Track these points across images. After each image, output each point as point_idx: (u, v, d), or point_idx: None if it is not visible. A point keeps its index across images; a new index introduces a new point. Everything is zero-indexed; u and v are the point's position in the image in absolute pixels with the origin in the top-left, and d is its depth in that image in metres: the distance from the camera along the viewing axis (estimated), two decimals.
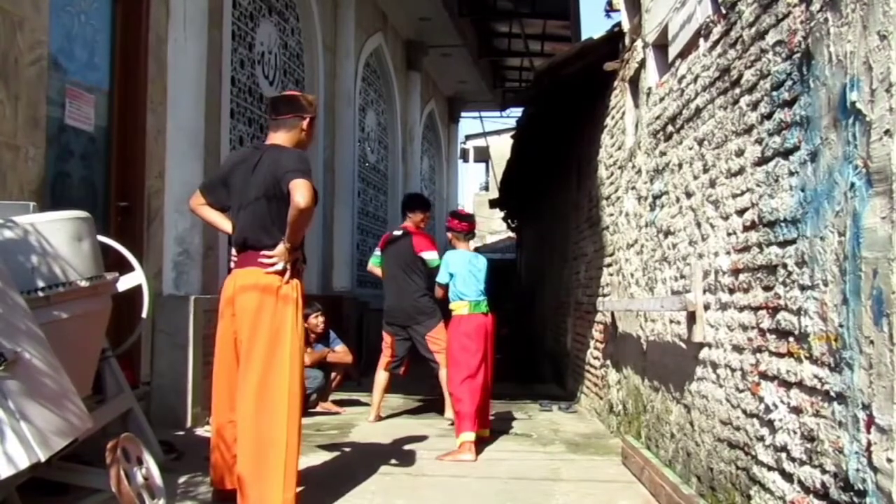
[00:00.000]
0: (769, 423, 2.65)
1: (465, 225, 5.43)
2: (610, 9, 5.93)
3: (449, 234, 5.47)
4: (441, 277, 5.28)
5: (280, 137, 3.59)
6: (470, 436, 4.76)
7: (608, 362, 5.73)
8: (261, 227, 3.42)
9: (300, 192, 3.22)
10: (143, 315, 4.38)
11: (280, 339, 3.32)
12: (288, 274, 3.40)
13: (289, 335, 3.34)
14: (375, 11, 11.40)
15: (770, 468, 2.64)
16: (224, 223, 3.68)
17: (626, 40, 5.38)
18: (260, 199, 3.42)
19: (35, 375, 2.61)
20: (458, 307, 5.13)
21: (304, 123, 3.64)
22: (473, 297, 5.11)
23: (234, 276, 3.48)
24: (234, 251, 3.61)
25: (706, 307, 3.37)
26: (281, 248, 3.37)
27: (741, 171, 2.97)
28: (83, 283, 3.34)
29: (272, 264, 3.37)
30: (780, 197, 2.59)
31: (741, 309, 2.94)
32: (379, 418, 6.08)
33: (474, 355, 5.00)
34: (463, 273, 5.16)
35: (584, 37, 8.45)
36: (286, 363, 3.31)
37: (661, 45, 4.42)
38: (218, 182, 3.71)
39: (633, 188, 4.95)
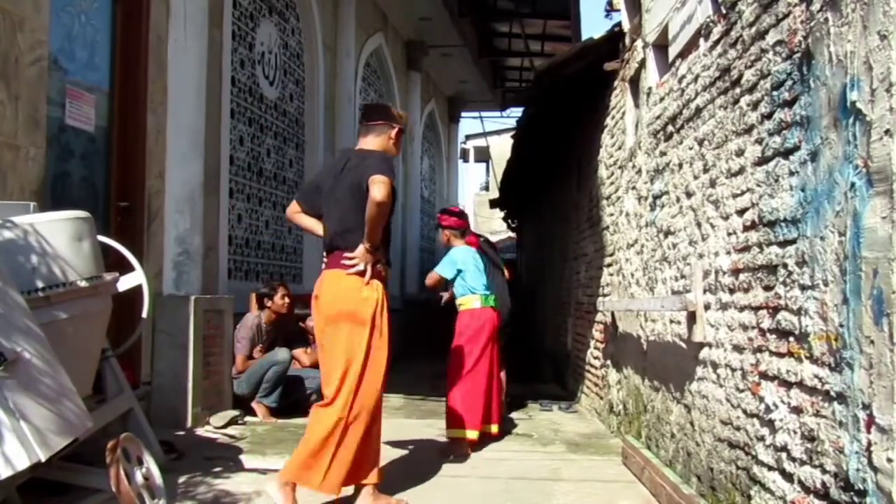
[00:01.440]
0: (769, 423, 2.65)
1: (463, 222, 5.46)
2: (610, 9, 5.93)
3: (446, 232, 5.46)
4: (446, 272, 5.25)
5: (369, 142, 3.72)
6: (457, 433, 4.80)
7: (608, 362, 5.73)
8: (346, 228, 3.52)
9: (377, 186, 3.33)
10: (144, 315, 4.38)
11: (359, 341, 3.42)
12: (368, 274, 3.48)
13: (366, 335, 3.43)
14: (375, 11, 11.40)
15: (770, 468, 2.64)
16: (318, 228, 3.76)
17: (627, 40, 5.38)
18: (346, 200, 3.52)
19: (35, 375, 2.61)
20: (470, 301, 5.17)
21: (393, 133, 3.77)
22: (482, 290, 5.19)
23: (321, 278, 3.60)
24: (324, 253, 3.72)
25: (706, 307, 3.37)
26: (361, 248, 3.47)
27: (741, 170, 2.97)
28: (83, 283, 3.34)
29: (354, 265, 3.47)
30: (780, 197, 2.59)
31: (741, 309, 2.94)
32: None
33: (482, 349, 5.05)
34: (471, 268, 5.21)
35: (584, 37, 8.46)
36: (356, 364, 3.43)
37: (661, 45, 4.42)
38: (312, 188, 3.83)
39: (634, 188, 4.95)
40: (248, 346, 6.07)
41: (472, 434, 4.87)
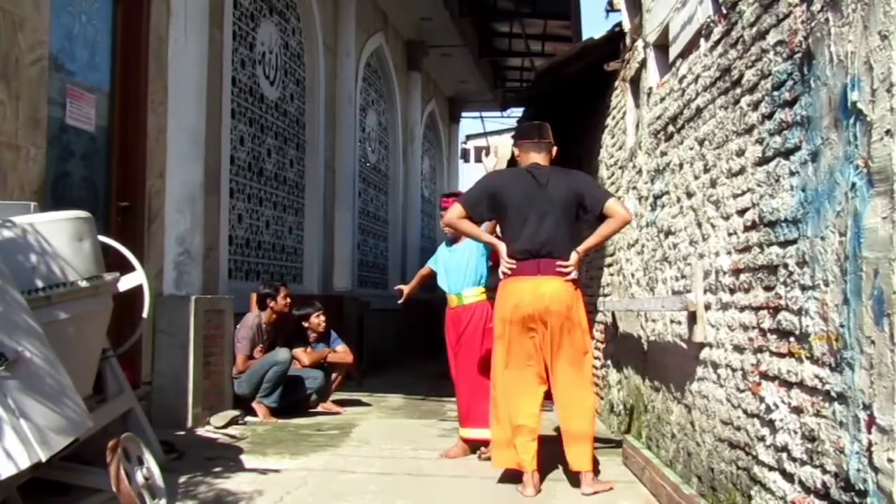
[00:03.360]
0: (770, 423, 2.65)
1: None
2: (610, 8, 5.93)
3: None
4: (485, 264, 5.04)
5: (542, 158, 4.16)
6: (464, 432, 4.79)
7: (609, 362, 5.73)
8: (558, 238, 3.91)
9: (623, 207, 4.01)
10: (144, 315, 4.38)
11: (584, 337, 3.95)
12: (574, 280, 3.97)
13: (587, 332, 3.99)
14: (376, 11, 11.40)
15: (771, 468, 2.64)
16: (485, 234, 4.22)
17: (627, 40, 5.38)
18: (558, 212, 3.92)
19: (36, 375, 2.61)
20: (485, 293, 4.95)
21: (555, 150, 4.26)
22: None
23: (534, 283, 3.88)
24: (508, 259, 3.96)
25: (707, 307, 3.37)
26: (575, 257, 3.92)
27: (742, 171, 2.97)
28: (84, 283, 3.34)
29: (569, 272, 3.90)
30: (780, 197, 2.59)
31: (742, 309, 2.94)
32: None
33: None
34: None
35: (584, 37, 8.44)
36: (590, 356, 4.03)
37: (661, 45, 4.41)
38: (483, 198, 4.08)
39: (634, 188, 4.95)
40: (249, 346, 6.08)
41: (463, 433, 4.86)
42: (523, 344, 3.93)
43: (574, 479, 3.94)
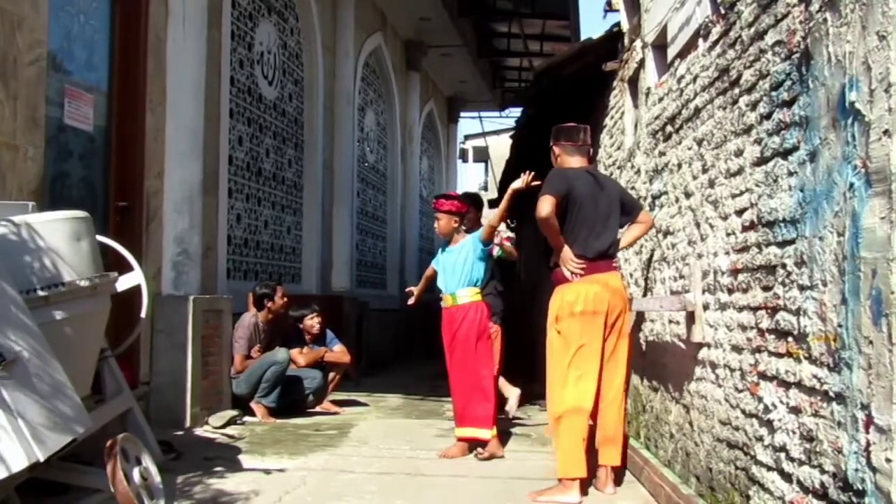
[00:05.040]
0: (768, 423, 2.65)
1: (465, 206, 5.27)
2: (609, 8, 5.92)
3: (468, 220, 5.36)
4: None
5: (583, 161, 4.21)
6: (460, 432, 4.80)
7: None
8: (615, 239, 4.10)
9: (649, 215, 4.23)
10: (143, 315, 4.38)
11: (629, 330, 4.11)
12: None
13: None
14: (375, 11, 11.40)
15: (769, 468, 2.64)
16: (559, 236, 4.03)
17: (626, 40, 5.38)
18: (613, 215, 4.07)
19: (34, 375, 2.61)
20: (479, 294, 4.96)
21: (591, 152, 4.42)
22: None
23: (605, 279, 3.98)
24: (576, 259, 3.99)
25: (705, 307, 3.37)
26: (619, 255, 4.30)
27: (740, 171, 2.97)
28: (82, 283, 3.34)
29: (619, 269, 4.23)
30: (779, 197, 2.59)
31: (740, 309, 2.94)
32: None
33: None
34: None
35: (583, 37, 8.46)
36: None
37: (660, 46, 4.42)
38: (564, 191, 3.99)
39: (633, 188, 4.95)
40: (246, 346, 6.08)
41: (460, 433, 4.87)
42: (593, 342, 3.90)
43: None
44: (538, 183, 4.27)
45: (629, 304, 4.09)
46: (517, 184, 4.53)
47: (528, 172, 4.55)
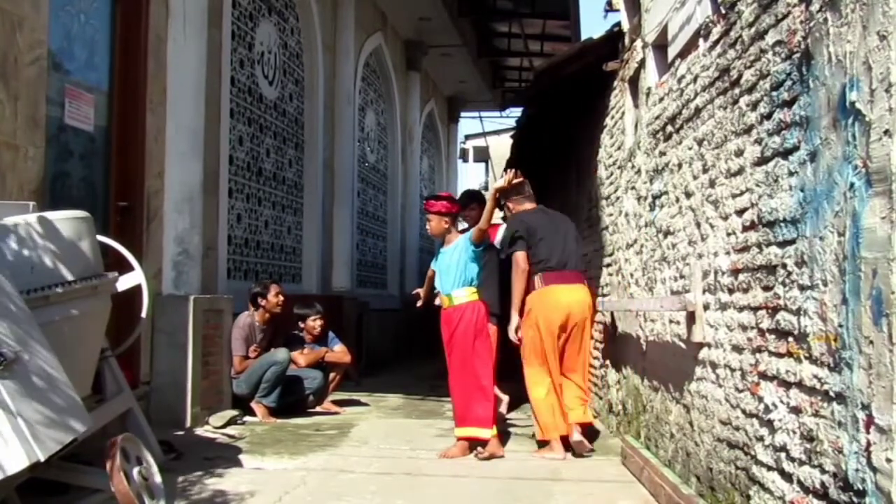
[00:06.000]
0: (769, 423, 2.65)
1: (455, 206, 5.23)
2: (609, 8, 5.92)
3: (464, 219, 5.44)
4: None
5: (532, 204, 5.39)
6: (459, 431, 4.80)
7: (608, 362, 5.73)
8: (578, 256, 5.29)
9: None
10: (143, 315, 4.38)
11: (590, 324, 5.31)
12: None
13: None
14: (375, 11, 11.40)
15: (769, 468, 2.64)
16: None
17: (626, 40, 5.38)
18: (569, 236, 5.22)
19: (34, 375, 2.61)
20: (476, 294, 5.00)
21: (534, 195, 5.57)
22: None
23: (569, 289, 5.06)
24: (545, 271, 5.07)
25: (706, 307, 3.37)
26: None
27: (741, 171, 2.97)
28: (82, 283, 3.34)
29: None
30: (779, 197, 2.59)
31: (741, 309, 2.94)
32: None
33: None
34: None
35: (583, 37, 8.45)
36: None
37: (660, 45, 4.42)
38: (525, 233, 5.13)
39: (633, 188, 4.95)
40: (244, 346, 6.06)
41: (460, 432, 4.88)
42: (554, 342, 5.01)
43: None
44: (520, 180, 5.13)
45: (592, 308, 5.19)
46: (499, 183, 5.07)
47: (508, 171, 5.13)
